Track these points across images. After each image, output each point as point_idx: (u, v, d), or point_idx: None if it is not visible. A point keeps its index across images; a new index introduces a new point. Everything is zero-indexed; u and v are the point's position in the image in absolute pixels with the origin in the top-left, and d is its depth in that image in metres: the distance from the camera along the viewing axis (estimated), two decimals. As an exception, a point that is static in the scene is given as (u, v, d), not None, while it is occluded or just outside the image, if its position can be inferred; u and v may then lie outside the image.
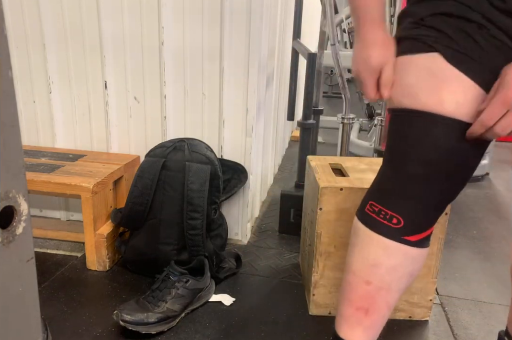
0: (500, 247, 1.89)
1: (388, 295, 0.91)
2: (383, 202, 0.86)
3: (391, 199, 0.85)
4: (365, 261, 0.90)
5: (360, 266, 0.91)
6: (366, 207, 0.89)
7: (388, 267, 0.88)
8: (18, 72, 1.72)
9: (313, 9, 3.48)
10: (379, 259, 0.88)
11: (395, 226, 0.85)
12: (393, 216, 0.84)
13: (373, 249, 0.89)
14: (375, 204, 0.87)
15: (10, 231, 0.36)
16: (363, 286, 0.91)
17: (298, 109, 2.85)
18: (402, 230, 0.85)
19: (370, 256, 0.89)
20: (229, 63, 1.58)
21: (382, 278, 0.89)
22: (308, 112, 1.88)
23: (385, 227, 0.86)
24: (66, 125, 1.77)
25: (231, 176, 1.69)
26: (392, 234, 0.85)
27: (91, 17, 1.61)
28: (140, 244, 1.53)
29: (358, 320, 0.94)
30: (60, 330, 1.26)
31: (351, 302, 0.94)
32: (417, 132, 0.82)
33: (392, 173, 0.87)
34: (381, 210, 0.86)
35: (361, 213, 0.91)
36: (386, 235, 0.86)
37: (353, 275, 0.93)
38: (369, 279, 0.90)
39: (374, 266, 0.89)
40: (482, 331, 1.35)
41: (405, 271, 0.89)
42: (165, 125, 1.70)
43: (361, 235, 0.91)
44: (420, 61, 0.81)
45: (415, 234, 0.86)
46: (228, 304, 1.41)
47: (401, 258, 0.87)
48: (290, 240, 1.85)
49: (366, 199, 0.91)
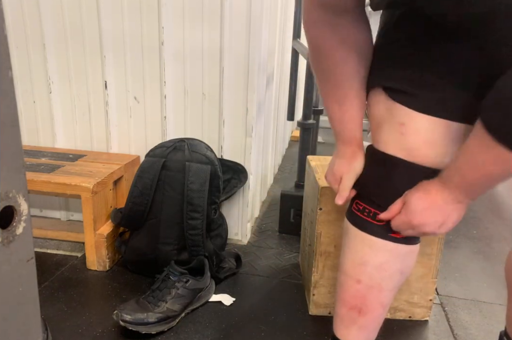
0: (500, 247, 1.89)
1: (381, 294, 0.91)
2: (366, 199, 0.87)
3: (373, 196, 0.86)
4: (354, 260, 0.91)
5: (350, 265, 0.92)
6: (352, 206, 0.91)
7: (375, 265, 0.88)
8: (18, 72, 1.72)
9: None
10: (366, 257, 0.89)
11: (379, 223, 0.85)
12: (376, 213, 0.85)
13: (360, 247, 0.89)
14: (359, 202, 0.88)
15: (10, 231, 0.36)
16: (354, 285, 0.91)
17: (298, 109, 2.85)
18: (387, 227, 0.85)
19: (357, 254, 0.90)
20: (229, 63, 1.58)
21: (371, 276, 0.89)
22: (308, 112, 1.88)
23: (370, 225, 0.86)
24: (66, 125, 1.77)
25: (231, 176, 1.69)
26: (377, 231, 0.86)
27: (91, 17, 1.61)
28: (140, 244, 1.53)
29: (352, 319, 0.94)
30: (60, 330, 1.26)
31: (344, 302, 0.95)
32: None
33: (374, 170, 0.88)
34: (365, 208, 0.87)
35: (349, 212, 0.92)
36: (372, 233, 0.86)
37: (344, 274, 0.94)
38: (359, 278, 0.90)
39: (362, 264, 0.89)
40: (482, 331, 1.35)
41: (394, 268, 0.89)
42: (165, 125, 1.70)
43: (349, 234, 0.92)
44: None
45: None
46: (228, 304, 1.41)
47: (388, 255, 0.87)
48: (290, 240, 1.85)
49: (353, 198, 0.92)
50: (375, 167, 0.86)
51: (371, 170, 0.88)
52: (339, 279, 0.96)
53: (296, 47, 2.10)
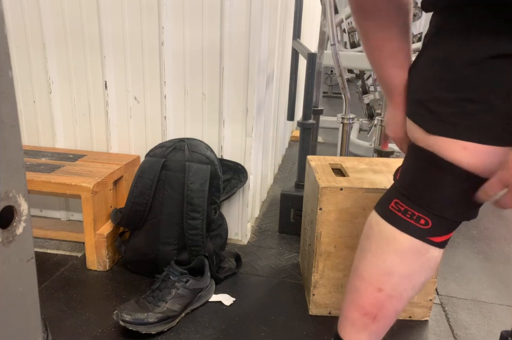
0: (500, 247, 1.89)
1: (399, 303, 0.89)
2: (410, 203, 0.83)
3: (420, 200, 0.82)
4: (380, 268, 0.87)
5: (373, 272, 0.88)
6: (390, 205, 0.85)
7: (402, 276, 0.86)
8: (18, 72, 1.72)
9: (313, 9, 3.48)
10: (394, 267, 0.85)
11: (423, 227, 0.82)
12: (421, 217, 0.81)
13: (389, 256, 0.85)
14: (401, 203, 0.84)
15: (10, 231, 0.36)
16: (374, 293, 0.88)
17: (298, 109, 2.85)
18: (429, 231, 0.82)
19: (385, 263, 0.86)
20: (229, 63, 1.58)
21: (394, 286, 0.87)
22: (308, 112, 1.88)
23: (412, 227, 0.82)
24: (66, 125, 1.77)
25: (231, 176, 1.69)
26: (418, 234, 0.82)
27: (91, 17, 1.61)
28: (140, 244, 1.53)
29: (364, 325, 0.92)
30: (60, 330, 1.26)
31: (358, 307, 0.92)
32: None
33: (419, 172, 0.83)
34: (407, 210, 0.82)
35: (385, 210, 0.86)
36: (412, 234, 0.82)
37: (363, 280, 0.90)
38: (381, 287, 0.88)
39: (388, 274, 0.86)
40: (482, 331, 1.35)
41: (418, 280, 0.88)
42: (165, 125, 1.70)
43: (382, 233, 0.86)
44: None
45: (440, 235, 0.84)
46: (228, 304, 1.41)
47: (417, 265, 0.85)
48: (290, 240, 1.85)
49: (390, 196, 0.87)
50: (426, 171, 0.81)
51: (420, 172, 0.82)
52: (355, 283, 0.92)
53: (296, 47, 2.10)
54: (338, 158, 1.55)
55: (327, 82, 5.39)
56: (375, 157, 1.78)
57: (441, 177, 0.79)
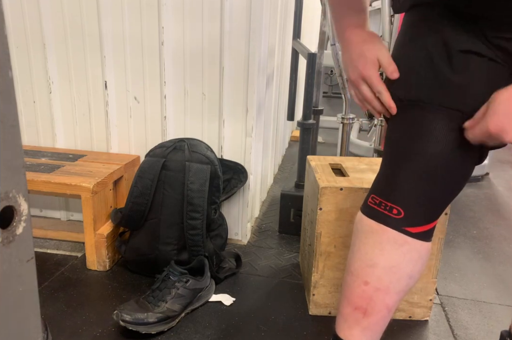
0: (500, 247, 1.89)
1: (387, 296, 0.90)
2: (383, 194, 0.87)
3: (390, 191, 0.86)
4: (363, 261, 0.90)
5: (358, 266, 0.92)
6: (368, 200, 0.90)
7: (385, 268, 0.88)
8: (18, 72, 1.72)
9: (313, 9, 3.48)
10: (376, 259, 0.88)
11: (396, 216, 0.85)
12: (393, 207, 0.85)
13: (370, 249, 0.89)
14: (376, 197, 0.88)
15: (10, 231, 0.36)
16: (361, 286, 0.91)
17: (298, 109, 2.85)
18: (403, 221, 0.85)
19: (367, 256, 0.89)
20: (229, 63, 1.58)
21: (379, 278, 0.89)
22: (308, 112, 1.88)
23: (387, 217, 0.86)
24: (66, 125, 1.77)
25: (231, 176, 1.69)
26: (393, 223, 0.85)
27: (91, 17, 1.61)
28: (140, 244, 1.53)
29: (356, 320, 0.93)
30: (60, 330, 1.26)
31: (349, 301, 0.94)
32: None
33: (391, 166, 0.88)
34: (381, 202, 0.87)
35: (365, 206, 0.92)
36: (388, 224, 0.86)
37: (351, 274, 0.93)
38: (366, 279, 0.90)
39: (371, 266, 0.89)
40: (482, 331, 1.35)
41: (403, 272, 0.89)
42: (165, 125, 1.70)
43: (363, 227, 0.91)
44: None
45: (416, 226, 0.86)
46: (228, 304, 1.41)
47: (398, 257, 0.87)
48: (290, 240, 1.85)
49: (369, 193, 0.92)
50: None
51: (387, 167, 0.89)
52: (346, 278, 0.96)
53: (296, 47, 2.09)
54: (338, 158, 1.55)
55: (327, 82, 5.39)
56: (375, 157, 1.78)
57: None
